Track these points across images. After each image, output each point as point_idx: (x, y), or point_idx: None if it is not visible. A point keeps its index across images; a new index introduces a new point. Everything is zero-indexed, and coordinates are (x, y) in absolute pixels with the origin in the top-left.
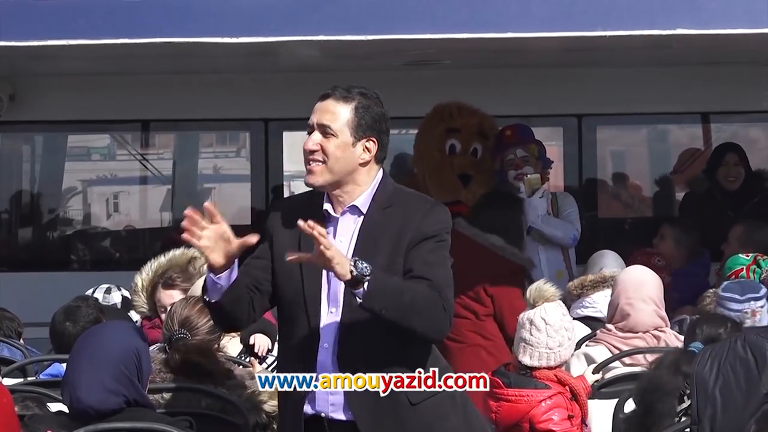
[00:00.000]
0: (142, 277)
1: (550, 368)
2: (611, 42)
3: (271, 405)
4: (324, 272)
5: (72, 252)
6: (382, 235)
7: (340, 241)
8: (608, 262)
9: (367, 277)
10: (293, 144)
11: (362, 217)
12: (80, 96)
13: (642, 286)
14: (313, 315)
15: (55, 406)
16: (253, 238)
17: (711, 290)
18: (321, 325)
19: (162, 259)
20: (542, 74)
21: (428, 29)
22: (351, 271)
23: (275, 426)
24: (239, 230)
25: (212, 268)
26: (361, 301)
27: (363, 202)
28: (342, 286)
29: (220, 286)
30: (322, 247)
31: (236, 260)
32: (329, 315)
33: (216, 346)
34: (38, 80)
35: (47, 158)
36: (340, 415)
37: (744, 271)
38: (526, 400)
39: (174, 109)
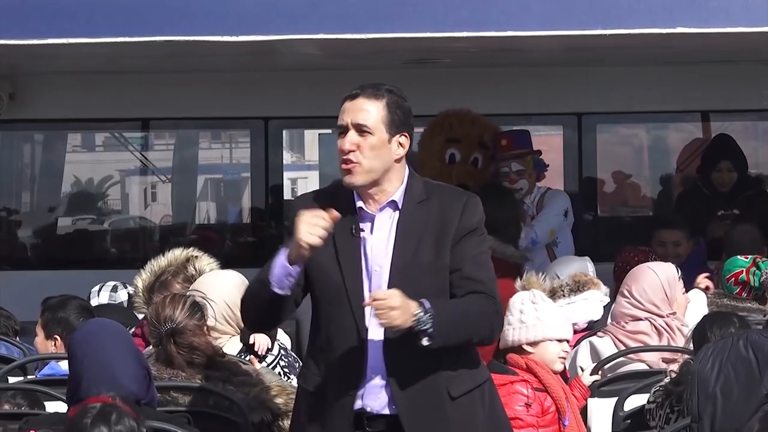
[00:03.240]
0: (142, 278)
1: (516, 353)
2: (611, 41)
3: (276, 402)
4: (364, 267)
5: (74, 250)
6: (424, 230)
7: (378, 238)
8: (563, 270)
9: (430, 330)
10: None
11: (398, 211)
12: (80, 94)
13: (628, 278)
14: (358, 310)
15: (53, 405)
16: (336, 213)
17: (710, 291)
18: (367, 322)
19: (161, 260)
20: (542, 73)
21: (428, 28)
22: (412, 328)
23: (280, 423)
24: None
25: (292, 260)
26: (426, 344)
27: (399, 196)
28: (386, 279)
29: (291, 279)
30: (387, 326)
31: None
32: (374, 310)
33: (204, 326)
34: (38, 79)
35: (47, 157)
36: (385, 410)
37: (744, 273)
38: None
39: (174, 107)
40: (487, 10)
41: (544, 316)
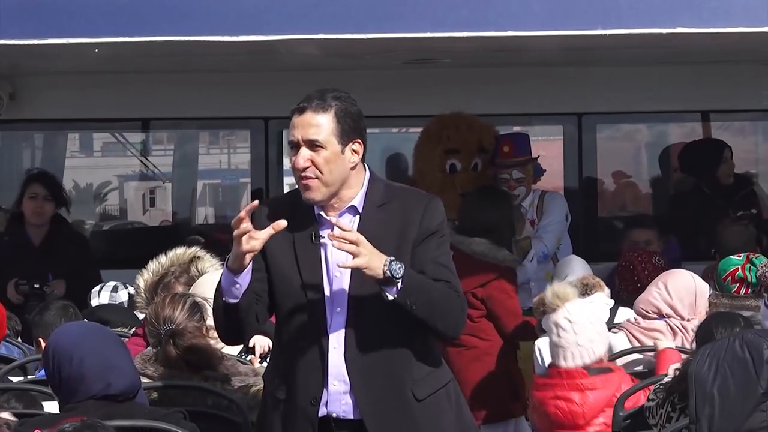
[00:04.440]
0: (144, 277)
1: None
2: (611, 41)
3: None
4: (324, 272)
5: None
6: (384, 234)
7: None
8: (575, 268)
9: (399, 278)
10: None
11: (358, 216)
12: (80, 94)
13: (666, 275)
14: (319, 316)
15: (51, 405)
16: (283, 223)
17: (709, 292)
18: (329, 326)
19: (163, 259)
20: (542, 73)
21: (428, 28)
22: (384, 272)
23: None
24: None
25: (234, 269)
26: (392, 297)
27: (359, 201)
28: (347, 284)
29: (239, 286)
30: (355, 261)
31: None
32: (335, 315)
33: (204, 327)
34: (38, 79)
35: (47, 156)
36: (350, 415)
37: (739, 270)
38: (614, 380)
39: (174, 107)
40: (487, 10)
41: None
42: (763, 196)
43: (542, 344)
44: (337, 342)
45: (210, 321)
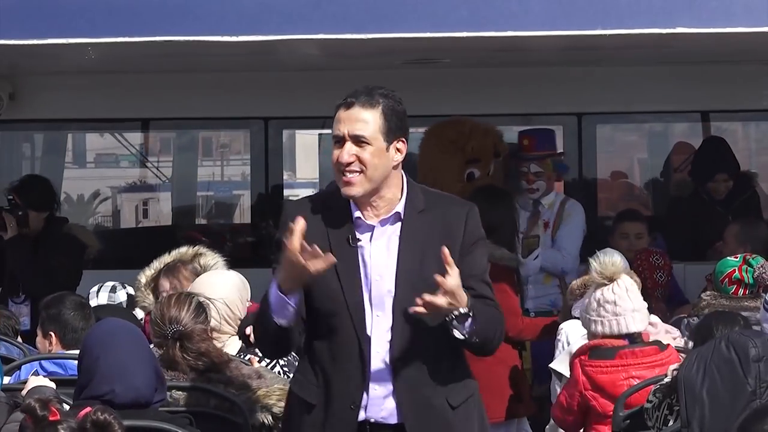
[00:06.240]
0: (147, 273)
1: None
2: (611, 41)
3: (279, 407)
4: (363, 276)
5: None
6: (428, 242)
7: (377, 246)
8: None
9: (470, 322)
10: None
11: (399, 222)
12: (80, 94)
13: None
14: (359, 322)
15: None
16: (301, 222)
17: (707, 293)
18: (370, 332)
19: (167, 257)
20: (542, 73)
21: (428, 28)
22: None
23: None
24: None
25: (285, 289)
26: (462, 336)
27: (402, 207)
28: (388, 288)
29: (291, 308)
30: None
31: None
32: (376, 319)
33: (208, 329)
34: (38, 79)
35: (47, 157)
36: (389, 420)
37: (736, 272)
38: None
39: (174, 107)
40: (487, 10)
41: None
42: (764, 197)
43: (569, 327)
44: (380, 347)
45: (213, 322)
